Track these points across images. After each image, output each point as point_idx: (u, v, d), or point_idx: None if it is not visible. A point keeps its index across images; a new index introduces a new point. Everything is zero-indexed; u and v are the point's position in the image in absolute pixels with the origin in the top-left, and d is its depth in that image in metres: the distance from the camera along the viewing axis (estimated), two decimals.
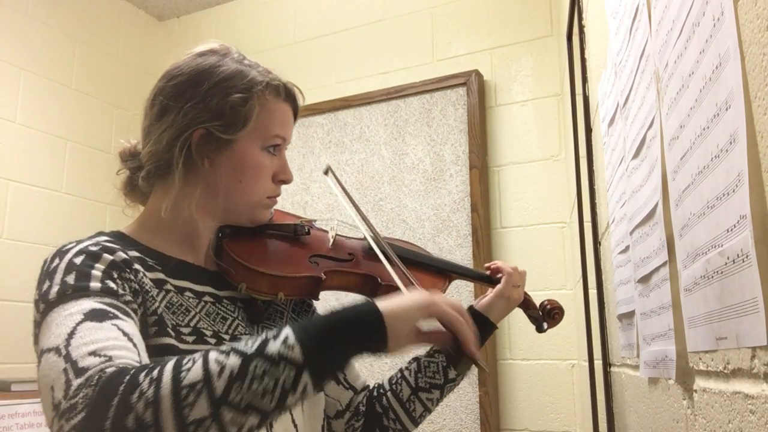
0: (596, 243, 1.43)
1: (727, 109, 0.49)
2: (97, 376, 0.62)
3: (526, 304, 1.14)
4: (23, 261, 2.30)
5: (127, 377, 0.61)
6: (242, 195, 0.92)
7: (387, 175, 2.37)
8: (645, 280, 0.85)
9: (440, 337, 0.76)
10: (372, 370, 2.22)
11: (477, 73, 2.27)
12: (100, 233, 0.87)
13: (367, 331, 0.69)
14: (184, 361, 0.63)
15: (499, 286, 1.11)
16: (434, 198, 2.26)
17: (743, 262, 0.47)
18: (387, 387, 1.09)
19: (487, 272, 1.15)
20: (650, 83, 0.76)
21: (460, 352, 0.75)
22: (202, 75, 0.89)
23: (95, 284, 0.75)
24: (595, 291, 1.41)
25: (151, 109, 0.91)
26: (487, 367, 0.75)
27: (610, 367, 1.34)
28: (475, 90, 2.25)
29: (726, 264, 0.50)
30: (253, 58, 0.96)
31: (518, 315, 1.17)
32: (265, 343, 0.65)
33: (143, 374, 0.62)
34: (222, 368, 0.62)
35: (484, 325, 1.09)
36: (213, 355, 0.64)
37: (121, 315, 0.73)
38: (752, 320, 0.46)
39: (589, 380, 1.49)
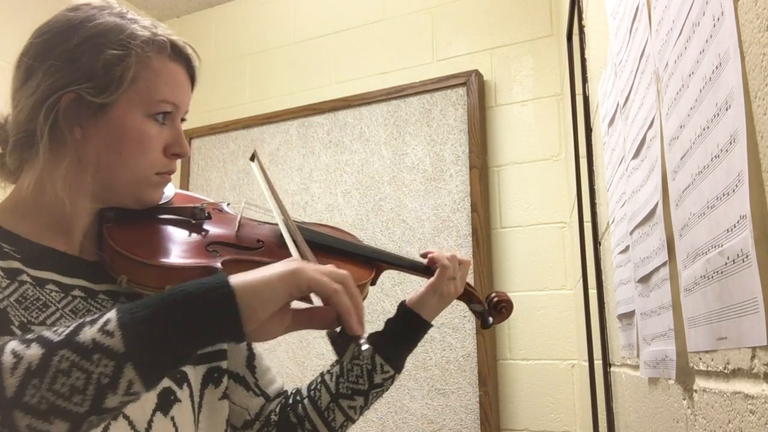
0: (596, 243, 1.43)
1: (727, 109, 0.49)
2: None
3: (469, 297, 1.03)
4: None
5: None
6: (123, 170, 0.77)
7: (387, 175, 2.37)
8: (645, 280, 0.85)
9: (321, 316, 0.64)
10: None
11: (477, 73, 2.27)
12: None
13: (213, 311, 0.56)
14: None
15: (431, 279, 0.98)
16: (434, 198, 2.26)
17: (743, 262, 0.47)
18: (305, 393, 0.97)
19: (424, 261, 1.01)
20: (650, 83, 0.76)
21: (345, 332, 0.62)
22: (71, 30, 0.75)
23: None
24: (595, 291, 1.41)
25: (17, 71, 0.78)
26: (369, 349, 0.59)
27: (610, 367, 1.34)
28: (475, 90, 2.25)
29: (726, 264, 0.50)
30: (253, 58, 0.90)
31: (518, 315, 1.15)
32: (78, 328, 0.53)
33: None
34: (18, 361, 0.51)
35: (417, 323, 0.99)
36: (11, 346, 0.52)
37: None
38: (752, 320, 0.46)
39: (589, 380, 1.49)
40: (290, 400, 0.97)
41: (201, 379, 0.84)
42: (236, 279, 0.59)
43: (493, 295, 1.03)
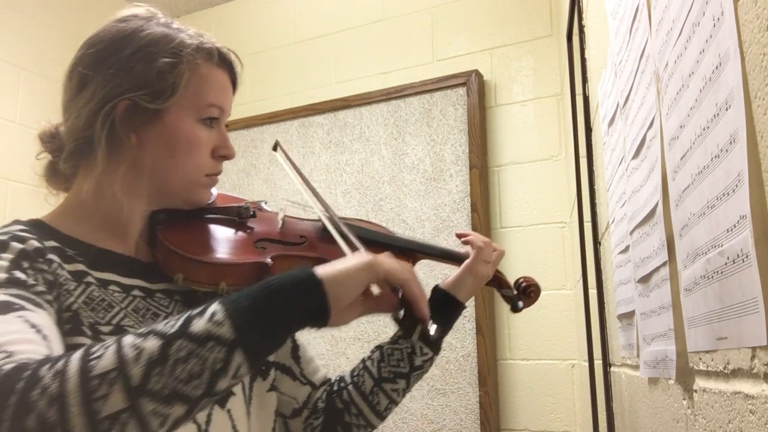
0: (596, 243, 1.43)
1: (727, 109, 0.49)
2: None
3: (499, 282, 1.05)
4: None
5: (27, 373, 0.54)
6: (176, 172, 0.82)
7: (387, 175, 2.37)
8: (645, 280, 0.85)
9: (388, 300, 0.70)
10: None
11: (477, 73, 2.27)
12: (16, 222, 0.79)
13: (305, 300, 0.62)
14: (94, 349, 0.56)
15: (467, 261, 1.01)
16: (434, 198, 2.26)
17: (743, 262, 0.47)
18: (348, 380, 0.99)
19: (460, 244, 1.06)
20: (650, 83, 0.76)
21: (411, 316, 0.68)
22: (124, 40, 0.80)
23: (1, 275, 0.66)
24: (595, 291, 1.41)
25: (69, 82, 0.82)
26: (438, 329, 0.69)
27: (610, 367, 1.34)
28: (475, 90, 2.25)
29: (726, 264, 0.50)
30: (253, 58, 0.93)
31: (518, 315, 1.16)
32: (189, 320, 0.58)
33: (46, 367, 0.54)
34: (139, 353, 0.55)
35: (452, 305, 1.00)
36: (128, 340, 0.56)
37: (29, 306, 0.65)
38: (752, 320, 0.46)
39: (589, 380, 1.49)
40: (335, 387, 1.00)
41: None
42: (322, 270, 0.64)
43: (521, 280, 1.06)
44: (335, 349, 2.32)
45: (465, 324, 2.12)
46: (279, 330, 0.62)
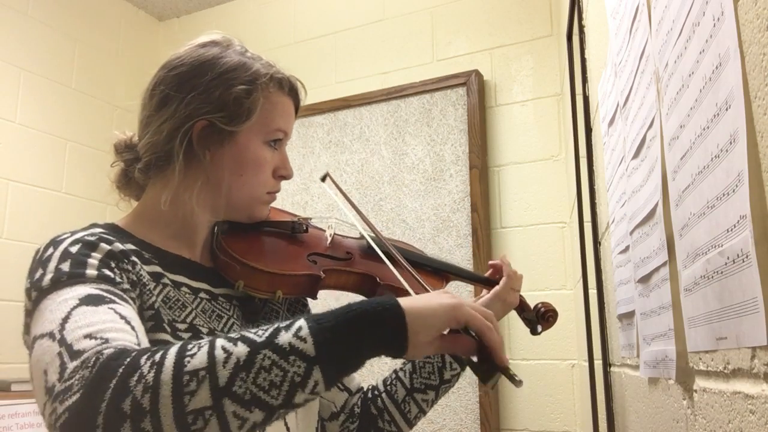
0: (596, 243, 1.43)
1: (727, 109, 0.49)
2: (94, 358, 0.59)
3: (522, 307, 1.12)
4: (23, 261, 2.29)
5: (128, 359, 0.58)
6: (243, 189, 0.89)
7: (387, 175, 2.37)
8: (645, 280, 0.85)
9: (465, 344, 0.70)
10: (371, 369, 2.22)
11: (477, 73, 2.27)
12: (94, 225, 0.85)
13: (386, 330, 0.64)
14: (189, 346, 0.60)
15: (497, 288, 1.08)
16: (434, 198, 2.26)
17: (743, 262, 0.47)
18: (382, 388, 1.07)
19: (489, 271, 1.13)
20: (650, 83, 0.76)
21: (489, 361, 0.69)
22: (204, 66, 0.87)
23: (91, 271, 0.72)
24: (595, 291, 1.41)
25: (150, 99, 0.88)
26: (522, 379, 0.69)
27: (610, 367, 1.34)
28: (475, 90, 2.25)
29: (726, 264, 0.50)
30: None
31: (518, 318, 1.16)
32: (276, 332, 0.61)
33: (145, 357, 0.58)
34: (228, 356, 0.58)
35: None
36: (220, 342, 0.60)
37: (118, 300, 0.70)
38: (752, 320, 0.46)
39: (589, 380, 1.49)
40: (369, 395, 1.07)
41: None
42: (406, 303, 0.65)
43: (540, 305, 1.12)
44: None
45: None
46: (357, 353, 0.63)
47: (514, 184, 2.21)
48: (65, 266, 0.72)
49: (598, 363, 1.42)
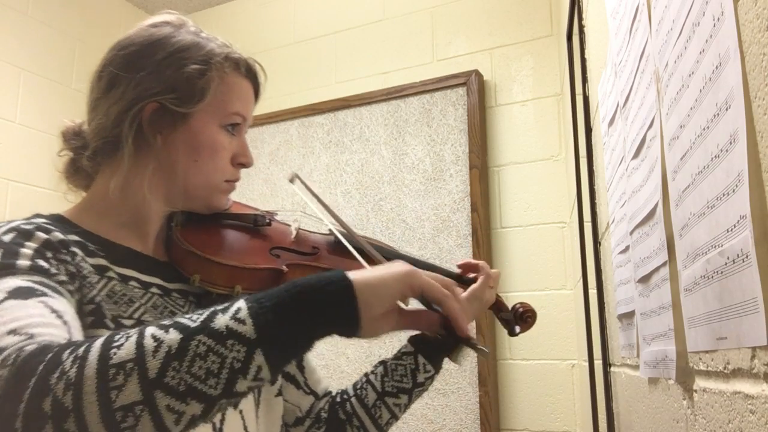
0: (596, 243, 1.43)
1: (727, 109, 0.49)
2: (14, 356, 0.54)
3: (498, 306, 1.09)
4: None
5: (50, 355, 0.53)
6: (198, 176, 0.84)
7: (387, 175, 2.37)
8: (645, 280, 0.85)
9: (426, 319, 0.66)
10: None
11: (477, 73, 2.27)
12: (37, 215, 0.80)
13: (333, 303, 0.59)
14: (117, 337, 0.55)
15: (475, 285, 1.02)
16: (434, 198, 2.26)
17: (743, 262, 0.47)
18: (351, 392, 1.00)
19: (458, 270, 1.08)
20: (650, 83, 0.76)
21: (453, 335, 0.65)
22: (155, 45, 0.82)
23: (23, 262, 0.67)
24: (595, 291, 1.41)
25: (98, 81, 0.83)
26: (487, 348, 0.64)
27: (610, 367, 1.34)
28: (475, 90, 2.25)
29: (726, 264, 0.50)
30: (254, 58, 0.93)
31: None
32: (212, 315, 0.56)
33: (68, 351, 0.53)
34: (159, 344, 0.53)
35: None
36: (150, 330, 0.55)
37: (50, 292, 0.65)
38: (752, 320, 0.46)
39: (589, 380, 1.49)
40: (338, 399, 1.02)
41: None
42: (354, 275, 0.61)
43: (518, 305, 1.09)
44: (335, 349, 2.32)
45: None
46: (304, 333, 0.59)
47: (514, 184, 2.21)
48: None
49: (598, 363, 1.42)
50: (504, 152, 2.24)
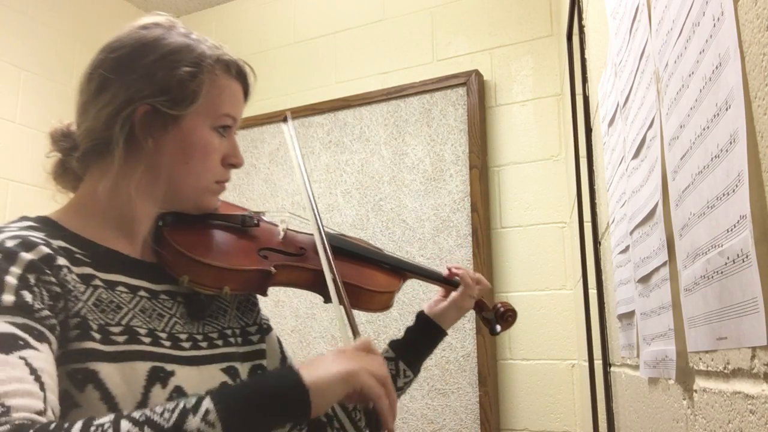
0: (596, 243, 1.43)
1: (727, 109, 0.49)
2: None
3: (480, 307, 1.13)
4: None
5: None
6: (189, 178, 0.84)
7: (387, 175, 2.37)
8: (645, 280, 0.85)
9: (361, 399, 0.73)
10: None
11: (477, 73, 2.27)
12: (24, 218, 0.80)
13: (291, 406, 0.65)
14: (92, 429, 0.56)
15: (454, 294, 1.09)
16: (434, 198, 2.26)
17: (743, 262, 0.47)
18: None
19: (446, 273, 1.12)
20: (650, 83, 0.76)
21: (378, 425, 0.73)
22: (146, 47, 0.82)
23: (8, 297, 0.65)
24: (595, 291, 1.41)
25: (88, 83, 0.83)
26: None
27: (610, 367, 1.34)
28: (475, 90, 2.25)
29: (726, 264, 0.50)
30: (253, 58, 0.94)
31: (519, 316, 1.16)
32: (183, 415, 0.59)
33: None
34: None
35: (436, 332, 1.08)
36: (125, 426, 0.57)
37: (33, 341, 0.64)
38: (752, 320, 0.46)
39: (589, 380, 1.49)
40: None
41: (248, 374, 0.92)
42: (308, 376, 0.66)
43: (499, 305, 1.12)
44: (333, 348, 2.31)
45: (465, 324, 2.12)
46: (265, 429, 0.64)
47: (514, 184, 2.21)
48: None
49: (598, 363, 1.42)
50: (504, 152, 2.24)
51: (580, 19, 1.51)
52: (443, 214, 2.24)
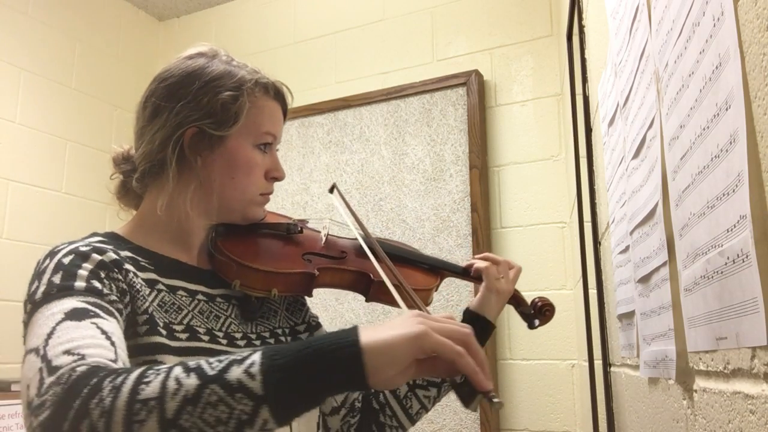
0: (596, 243, 1.43)
1: (727, 109, 0.49)
2: (67, 375, 0.61)
3: (517, 301, 1.14)
4: (23, 261, 2.30)
5: (94, 380, 0.60)
6: (235, 192, 0.93)
7: (387, 175, 2.37)
8: (645, 280, 0.85)
9: (444, 366, 0.64)
10: None
11: (477, 73, 2.27)
12: (94, 234, 0.89)
13: (342, 368, 0.60)
14: (149, 372, 0.60)
15: (484, 283, 1.10)
16: (434, 198, 2.26)
17: (743, 262, 0.47)
18: None
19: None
20: (650, 83, 0.76)
21: (470, 386, 0.64)
22: (192, 76, 0.91)
23: (80, 283, 0.75)
24: (595, 291, 1.41)
25: (143, 111, 0.93)
26: (502, 401, 0.60)
27: (610, 367, 1.34)
28: (475, 90, 2.25)
29: (726, 264, 0.50)
30: (253, 58, 0.97)
31: (517, 315, 1.16)
32: (229, 365, 0.60)
33: (108, 380, 0.60)
34: (178, 388, 0.58)
35: (483, 325, 1.07)
36: (176, 372, 0.60)
37: (102, 314, 0.72)
38: (752, 320, 0.46)
39: (589, 380, 1.49)
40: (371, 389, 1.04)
41: None
42: (366, 338, 0.61)
43: (537, 299, 1.14)
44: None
45: None
46: (309, 394, 0.60)
47: (514, 184, 2.21)
48: (57, 278, 0.75)
49: (598, 363, 1.42)
50: (504, 152, 2.24)
51: (580, 19, 1.51)
52: (443, 214, 2.24)
